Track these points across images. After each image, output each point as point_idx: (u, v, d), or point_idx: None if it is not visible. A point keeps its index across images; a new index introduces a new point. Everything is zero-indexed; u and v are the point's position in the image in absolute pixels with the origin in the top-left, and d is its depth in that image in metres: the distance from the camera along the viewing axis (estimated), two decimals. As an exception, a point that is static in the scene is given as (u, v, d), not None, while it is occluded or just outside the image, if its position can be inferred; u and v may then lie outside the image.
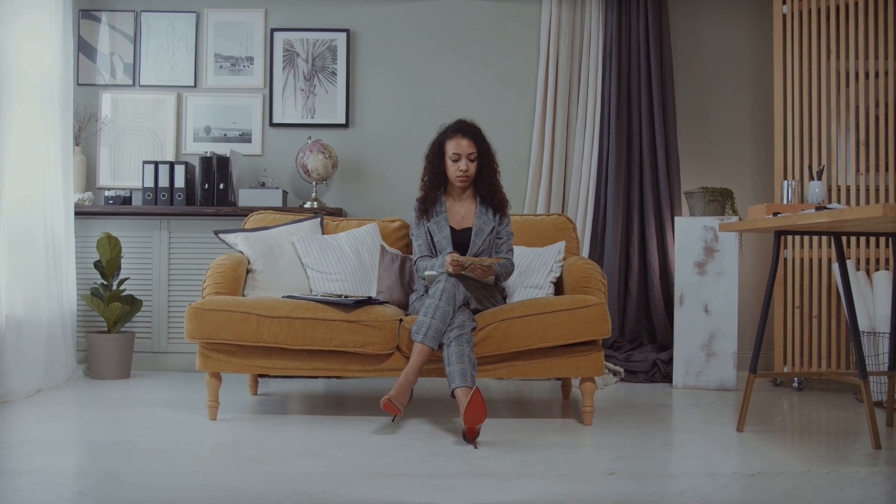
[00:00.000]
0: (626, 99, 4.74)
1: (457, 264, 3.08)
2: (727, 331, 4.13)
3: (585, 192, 4.74)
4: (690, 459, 2.65)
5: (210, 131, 4.83)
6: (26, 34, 3.87)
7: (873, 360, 3.72)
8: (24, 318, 3.79)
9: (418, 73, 4.89)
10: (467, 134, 3.34)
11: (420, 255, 3.42)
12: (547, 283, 3.53)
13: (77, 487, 2.24)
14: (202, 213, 4.43)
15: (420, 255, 3.42)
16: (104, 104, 4.81)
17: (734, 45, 4.90)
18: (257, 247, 3.54)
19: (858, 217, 2.37)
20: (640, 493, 2.25)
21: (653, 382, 4.35)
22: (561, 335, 3.09)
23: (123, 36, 4.84)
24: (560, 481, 2.35)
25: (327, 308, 3.12)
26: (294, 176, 4.81)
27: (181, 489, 2.25)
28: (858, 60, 4.20)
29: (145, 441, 2.83)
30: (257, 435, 2.95)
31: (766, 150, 4.82)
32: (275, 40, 4.84)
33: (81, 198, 4.48)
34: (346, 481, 2.33)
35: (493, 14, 4.89)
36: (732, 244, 4.15)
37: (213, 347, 3.16)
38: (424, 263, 3.38)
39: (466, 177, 3.36)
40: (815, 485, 2.34)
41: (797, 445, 2.88)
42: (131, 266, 4.47)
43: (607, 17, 4.76)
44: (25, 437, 2.86)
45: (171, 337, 4.49)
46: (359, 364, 3.14)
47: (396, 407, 2.88)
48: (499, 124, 4.76)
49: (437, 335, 2.98)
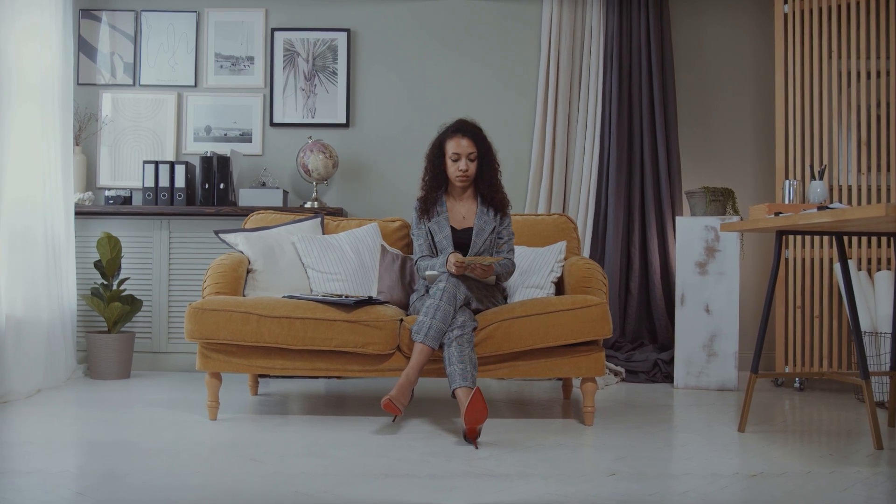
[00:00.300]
0: (627, 99, 4.73)
1: (460, 265, 3.08)
2: (728, 331, 4.12)
3: (586, 191, 4.74)
4: (692, 460, 2.65)
5: (210, 131, 4.83)
6: (26, 34, 3.86)
7: (875, 360, 3.71)
8: (24, 317, 3.79)
9: (419, 72, 4.88)
10: (467, 134, 3.33)
11: (421, 255, 3.41)
12: (548, 283, 3.53)
13: (77, 488, 2.23)
14: (202, 212, 4.42)
15: (421, 255, 3.41)
16: (104, 104, 4.81)
17: (735, 44, 4.90)
18: (257, 247, 3.53)
19: (860, 217, 2.37)
20: (642, 493, 2.24)
21: (654, 383, 4.35)
22: (562, 335, 3.08)
23: (124, 35, 4.84)
24: (561, 482, 2.35)
25: (328, 308, 3.11)
26: (294, 176, 4.81)
27: (181, 489, 2.24)
28: (860, 60, 4.19)
29: (145, 441, 2.82)
30: (258, 435, 2.95)
31: (767, 149, 4.81)
32: (275, 40, 4.84)
33: (82, 198, 4.48)
34: (347, 481, 2.33)
35: (493, 14, 4.89)
36: (734, 244, 4.14)
37: (214, 347, 3.15)
38: (425, 263, 3.37)
39: (466, 177, 3.35)
40: (817, 485, 2.34)
41: (799, 446, 2.87)
42: (131, 266, 4.46)
43: (608, 17, 4.76)
44: (25, 438, 2.86)
45: (171, 337, 4.48)
46: (359, 364, 3.14)
47: (397, 407, 2.87)
48: (499, 124, 4.75)
49: (438, 335, 2.97)
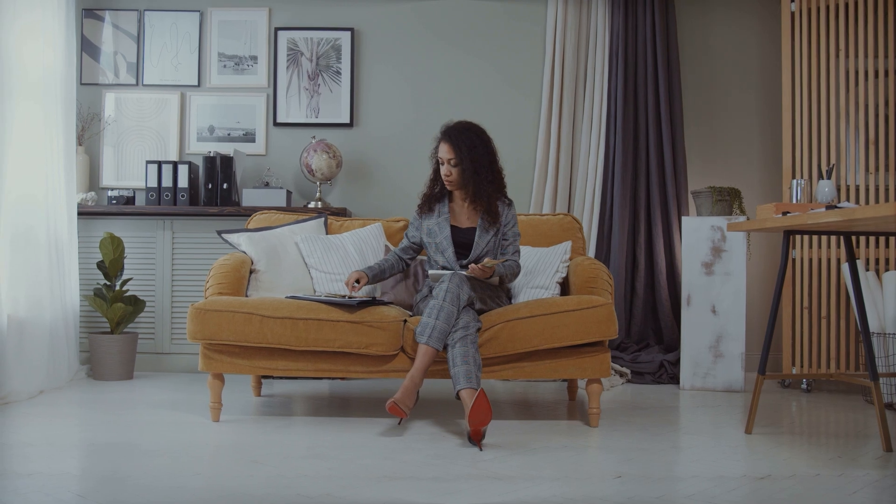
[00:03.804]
0: (632, 98, 4.71)
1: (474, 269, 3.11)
2: (735, 332, 4.10)
3: (591, 191, 4.71)
4: (699, 462, 2.62)
5: (214, 131, 4.81)
6: (29, 33, 3.85)
7: (883, 361, 3.68)
8: (26, 318, 3.78)
9: (423, 72, 4.86)
10: (447, 139, 3.27)
11: (400, 247, 3.47)
12: (553, 284, 3.50)
13: (79, 490, 2.22)
14: (206, 213, 4.41)
15: (400, 247, 3.47)
16: (107, 104, 4.79)
17: (742, 42, 4.87)
18: (261, 247, 3.52)
19: (870, 216, 2.34)
20: (649, 496, 2.22)
21: (660, 384, 4.32)
22: (567, 336, 3.06)
23: (127, 35, 4.82)
24: (567, 484, 2.32)
25: (331, 309, 3.09)
26: (298, 176, 4.79)
27: (184, 491, 2.23)
28: (868, 59, 4.16)
29: (148, 443, 2.81)
30: (260, 437, 2.93)
31: (773, 149, 4.78)
32: (279, 39, 4.82)
33: (84, 198, 4.47)
34: (350, 484, 2.31)
35: (498, 13, 4.86)
36: (740, 244, 4.11)
37: (216, 348, 3.13)
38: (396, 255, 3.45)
39: (449, 181, 3.32)
40: (826, 488, 2.31)
41: (807, 448, 2.84)
42: (134, 266, 4.45)
43: (613, 16, 4.73)
44: (27, 439, 2.85)
45: (174, 338, 4.47)
46: (363, 365, 3.11)
47: (402, 410, 2.85)
48: (504, 123, 4.73)
49: (442, 336, 2.95)
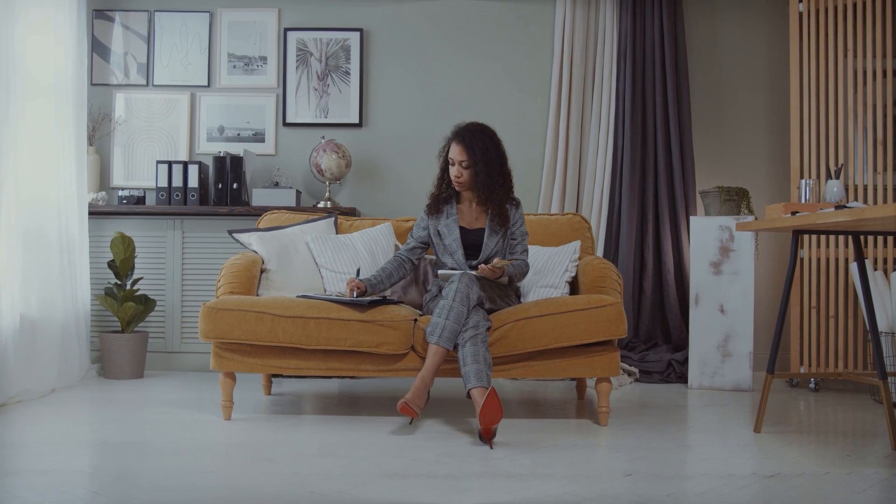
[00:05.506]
0: (640, 98, 4.71)
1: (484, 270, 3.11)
2: (743, 331, 4.10)
3: (600, 191, 4.72)
4: (708, 460, 2.63)
5: (223, 131, 4.83)
6: (40, 35, 3.88)
7: (891, 360, 3.68)
8: (38, 317, 3.80)
9: (432, 72, 4.87)
10: (461, 141, 3.27)
11: (408, 247, 3.43)
12: (562, 283, 3.51)
13: (92, 487, 2.24)
14: (216, 212, 4.43)
15: (408, 247, 3.43)
16: (118, 104, 4.82)
17: (750, 43, 4.86)
18: (271, 246, 3.54)
19: (880, 216, 2.34)
20: (659, 494, 2.23)
21: (668, 383, 4.33)
22: (577, 335, 3.07)
23: (137, 36, 4.85)
24: (577, 482, 2.34)
25: (342, 308, 3.11)
26: (307, 175, 4.81)
27: (195, 489, 2.24)
28: (875, 59, 4.15)
29: (159, 441, 2.83)
30: (272, 435, 2.95)
31: (781, 149, 4.78)
32: (288, 40, 4.84)
33: (95, 197, 4.49)
34: (362, 482, 2.32)
35: (506, 14, 4.87)
36: (748, 244, 4.12)
37: (228, 347, 3.15)
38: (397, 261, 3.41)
39: (458, 182, 3.32)
40: (835, 486, 2.32)
41: (815, 447, 2.85)
42: (145, 266, 4.47)
43: (622, 17, 4.74)
44: (40, 437, 2.87)
45: (184, 337, 4.49)
46: (373, 364, 3.13)
47: (413, 410, 2.86)
48: (512, 124, 4.74)
49: (452, 336, 2.96)
